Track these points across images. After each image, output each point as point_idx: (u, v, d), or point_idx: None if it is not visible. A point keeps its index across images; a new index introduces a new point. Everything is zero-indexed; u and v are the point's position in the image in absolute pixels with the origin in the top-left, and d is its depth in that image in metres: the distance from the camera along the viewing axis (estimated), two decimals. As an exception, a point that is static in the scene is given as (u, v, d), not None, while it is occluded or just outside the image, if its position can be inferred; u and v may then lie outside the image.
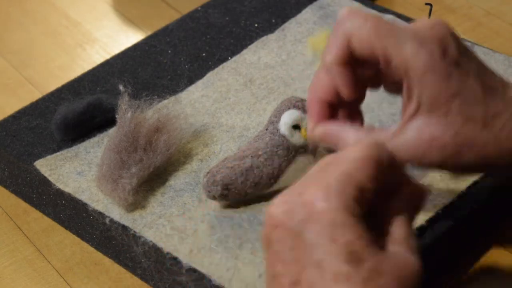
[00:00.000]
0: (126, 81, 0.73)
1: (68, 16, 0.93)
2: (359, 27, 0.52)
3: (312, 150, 0.60)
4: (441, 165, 0.53)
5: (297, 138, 0.60)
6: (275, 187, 0.60)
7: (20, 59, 0.87)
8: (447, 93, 0.51)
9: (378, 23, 0.52)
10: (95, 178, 0.63)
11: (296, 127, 0.60)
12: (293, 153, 0.60)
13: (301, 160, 0.60)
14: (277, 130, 0.60)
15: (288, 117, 0.60)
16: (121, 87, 0.64)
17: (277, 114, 0.61)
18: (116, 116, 0.64)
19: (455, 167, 0.54)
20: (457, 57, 0.52)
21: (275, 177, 0.60)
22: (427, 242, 0.58)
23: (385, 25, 0.52)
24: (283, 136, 0.60)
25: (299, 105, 0.61)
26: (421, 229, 0.58)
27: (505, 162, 0.53)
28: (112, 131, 0.66)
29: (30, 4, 0.95)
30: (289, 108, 0.61)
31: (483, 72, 0.53)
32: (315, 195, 0.45)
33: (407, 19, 0.78)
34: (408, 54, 0.51)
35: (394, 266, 0.43)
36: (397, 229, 0.46)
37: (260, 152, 0.60)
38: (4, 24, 0.93)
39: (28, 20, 0.93)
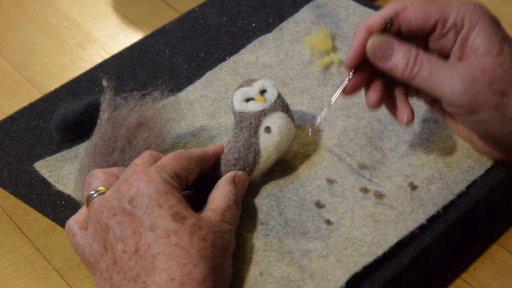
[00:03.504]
0: (124, 81, 0.73)
1: (68, 16, 0.93)
2: (411, 1, 0.58)
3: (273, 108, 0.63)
4: (485, 105, 0.57)
5: (253, 106, 0.63)
6: (263, 163, 0.61)
7: (20, 59, 0.87)
8: (499, 36, 0.57)
9: None
10: (74, 186, 0.62)
11: (248, 100, 0.63)
12: (257, 118, 0.62)
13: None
14: (235, 112, 0.63)
15: (237, 96, 0.64)
16: (104, 82, 0.63)
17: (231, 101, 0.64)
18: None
19: (497, 111, 0.57)
20: (497, 19, 0.58)
21: (252, 145, 0.61)
22: (428, 241, 0.58)
23: None
24: (240, 112, 0.63)
25: (244, 84, 0.64)
26: (422, 228, 0.58)
27: None
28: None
29: (30, 4, 0.95)
30: (236, 90, 0.64)
31: None
32: (138, 176, 0.54)
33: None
34: (461, 9, 0.57)
35: (210, 223, 0.54)
36: (215, 203, 0.57)
37: (230, 137, 0.63)
38: (4, 25, 0.93)
39: (29, 20, 0.93)
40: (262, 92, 0.64)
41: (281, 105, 0.63)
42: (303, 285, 0.55)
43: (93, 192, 0.56)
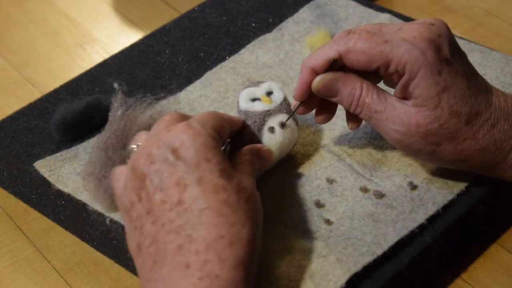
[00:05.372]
0: (124, 81, 0.73)
1: (68, 16, 0.93)
2: (353, 45, 0.57)
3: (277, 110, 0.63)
4: (420, 152, 0.58)
5: (258, 106, 0.63)
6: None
7: (20, 59, 0.87)
8: (438, 87, 0.56)
9: (370, 37, 0.57)
10: (82, 177, 0.62)
11: (254, 100, 0.64)
12: (261, 118, 0.62)
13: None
14: (240, 111, 0.63)
15: (243, 95, 0.64)
16: (115, 85, 0.64)
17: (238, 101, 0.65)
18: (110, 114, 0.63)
19: (432, 156, 0.58)
20: (448, 56, 0.56)
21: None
22: (428, 241, 0.58)
23: (377, 37, 0.57)
24: (246, 110, 0.63)
25: (251, 84, 0.65)
26: (422, 228, 0.58)
27: (477, 160, 0.58)
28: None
29: (30, 4, 0.95)
30: (243, 90, 0.65)
31: (471, 73, 0.58)
32: (182, 127, 0.53)
33: (406, 19, 0.78)
34: (404, 55, 0.56)
35: (250, 186, 0.53)
36: (243, 166, 0.56)
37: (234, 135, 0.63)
38: (4, 24, 0.93)
39: (28, 20, 0.93)
40: (269, 93, 0.64)
41: (286, 107, 0.63)
42: (303, 285, 0.55)
43: (134, 146, 0.56)
